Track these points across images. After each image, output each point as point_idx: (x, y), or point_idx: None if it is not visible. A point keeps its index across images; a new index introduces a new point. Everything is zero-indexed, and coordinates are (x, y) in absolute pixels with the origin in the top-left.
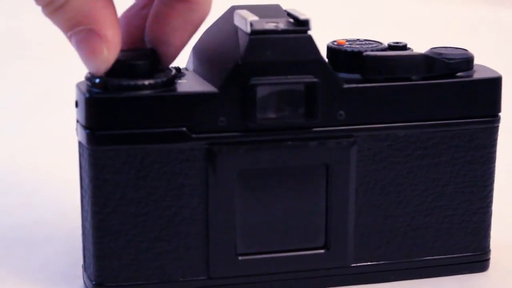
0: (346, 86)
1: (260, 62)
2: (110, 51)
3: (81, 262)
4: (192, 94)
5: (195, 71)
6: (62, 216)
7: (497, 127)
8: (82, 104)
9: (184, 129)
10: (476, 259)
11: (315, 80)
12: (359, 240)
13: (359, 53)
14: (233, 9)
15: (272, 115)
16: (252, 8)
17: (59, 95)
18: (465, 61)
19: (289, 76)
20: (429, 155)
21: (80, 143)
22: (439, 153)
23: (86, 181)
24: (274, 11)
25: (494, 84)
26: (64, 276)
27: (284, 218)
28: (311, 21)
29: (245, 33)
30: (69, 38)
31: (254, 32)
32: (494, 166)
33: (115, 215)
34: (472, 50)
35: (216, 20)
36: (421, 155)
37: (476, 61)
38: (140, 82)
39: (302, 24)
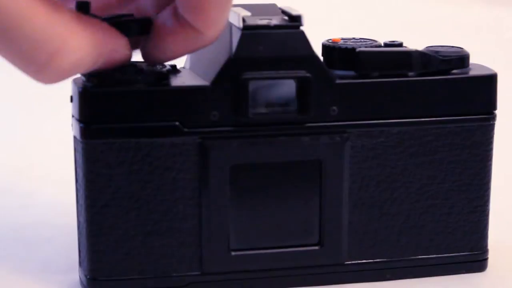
0: (338, 81)
1: (253, 57)
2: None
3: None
4: (184, 88)
5: (191, 69)
6: (62, 216)
7: (493, 124)
8: (76, 98)
9: (177, 123)
10: (474, 259)
11: (308, 75)
12: (353, 237)
13: (352, 50)
14: None
15: (264, 110)
16: (247, 6)
17: (57, 94)
18: (461, 58)
19: (281, 71)
20: (424, 152)
21: (74, 138)
22: (434, 150)
23: (80, 175)
24: (269, 9)
25: (489, 81)
26: (63, 276)
27: (277, 214)
28: (304, 16)
29: (238, 28)
30: None
31: (246, 27)
32: (490, 164)
33: (108, 209)
34: (471, 50)
35: None
36: (416, 152)
37: (475, 61)
38: (133, 76)
39: (294, 20)
